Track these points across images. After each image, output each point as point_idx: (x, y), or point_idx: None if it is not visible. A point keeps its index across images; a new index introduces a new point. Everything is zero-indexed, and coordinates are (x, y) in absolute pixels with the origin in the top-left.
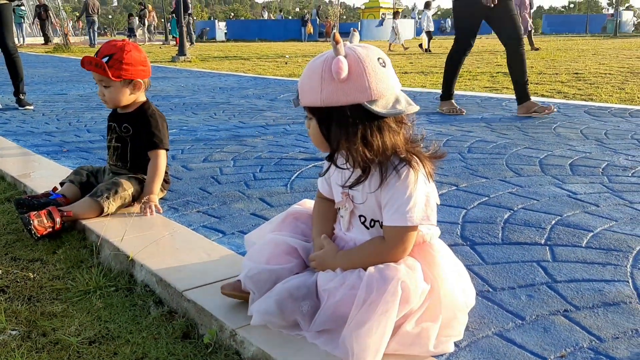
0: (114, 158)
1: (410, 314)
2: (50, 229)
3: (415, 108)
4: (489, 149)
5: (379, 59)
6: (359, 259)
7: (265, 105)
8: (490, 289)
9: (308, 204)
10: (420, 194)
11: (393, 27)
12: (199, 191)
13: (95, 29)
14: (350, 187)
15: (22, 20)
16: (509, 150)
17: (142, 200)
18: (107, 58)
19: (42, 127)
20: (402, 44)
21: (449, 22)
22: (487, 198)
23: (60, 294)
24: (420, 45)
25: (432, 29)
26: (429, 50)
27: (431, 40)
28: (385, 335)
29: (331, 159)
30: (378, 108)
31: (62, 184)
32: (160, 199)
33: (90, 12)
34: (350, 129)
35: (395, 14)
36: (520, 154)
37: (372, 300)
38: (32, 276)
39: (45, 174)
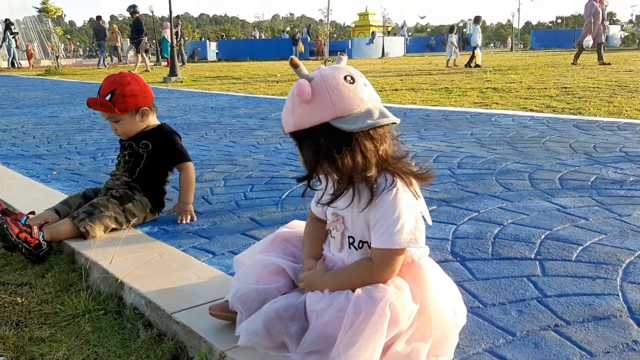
0: (121, 169)
1: (400, 334)
2: (28, 236)
3: (392, 119)
4: (478, 165)
5: (345, 77)
6: (347, 279)
7: (257, 124)
8: (481, 305)
9: (297, 225)
10: (408, 215)
11: (450, 42)
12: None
13: (105, 53)
14: (327, 204)
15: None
16: (498, 165)
17: (179, 209)
18: (109, 95)
19: (33, 150)
20: (455, 60)
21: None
22: (477, 213)
23: (48, 319)
24: (469, 62)
25: (480, 43)
26: (478, 65)
27: (474, 56)
28: (374, 356)
29: (307, 179)
30: (345, 125)
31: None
32: (152, 220)
33: (100, 37)
34: (320, 149)
35: (452, 29)
36: (510, 168)
37: (361, 322)
38: (20, 301)
39: (35, 197)
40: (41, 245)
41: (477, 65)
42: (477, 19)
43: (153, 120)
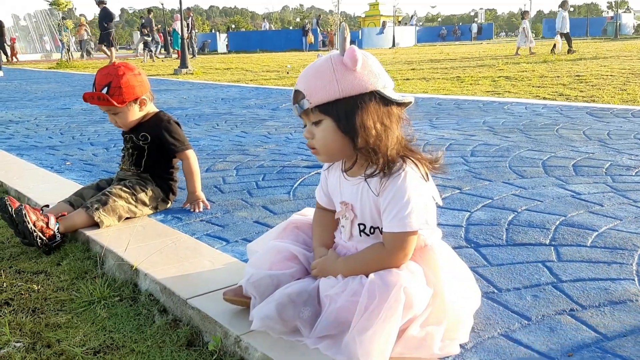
0: (128, 162)
1: (414, 318)
2: (44, 226)
3: (411, 98)
4: (491, 152)
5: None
6: (360, 265)
7: (267, 115)
8: (495, 290)
9: (309, 212)
10: (418, 198)
11: (523, 28)
12: None
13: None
14: (367, 177)
15: None
16: (511, 152)
17: (190, 200)
18: (106, 88)
19: (46, 141)
20: (530, 47)
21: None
22: (490, 200)
23: (64, 305)
24: (553, 48)
25: (567, 30)
26: (573, 50)
27: (570, 41)
28: (389, 341)
29: (358, 150)
30: (392, 95)
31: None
32: (165, 209)
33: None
34: (372, 117)
35: (525, 14)
36: (523, 156)
37: (375, 307)
38: (36, 288)
39: (48, 188)
40: (55, 237)
41: (569, 51)
42: (563, 4)
43: (151, 108)
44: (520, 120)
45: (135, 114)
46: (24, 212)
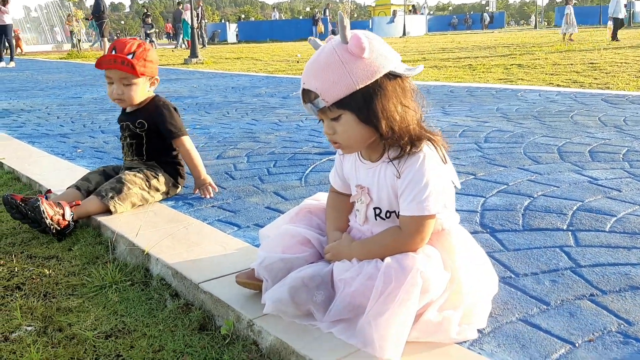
0: (129, 154)
1: (430, 303)
2: (60, 218)
3: (420, 68)
4: (505, 138)
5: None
6: (375, 248)
7: (278, 103)
8: (513, 275)
9: (322, 197)
10: (437, 180)
11: (566, 14)
12: None
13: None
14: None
15: None
16: (526, 139)
17: (197, 185)
18: (131, 55)
19: (57, 129)
20: (570, 35)
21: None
22: (505, 186)
23: (76, 290)
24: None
25: (622, 15)
26: (617, 39)
27: (618, 29)
28: (405, 325)
29: (383, 137)
30: (404, 71)
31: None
32: (176, 194)
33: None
34: (392, 100)
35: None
36: (538, 142)
37: (391, 291)
38: (47, 273)
39: (60, 175)
40: (69, 226)
41: (614, 37)
42: None
43: (151, 93)
44: (534, 107)
45: (144, 91)
46: (42, 210)
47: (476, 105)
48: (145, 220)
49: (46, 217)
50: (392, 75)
